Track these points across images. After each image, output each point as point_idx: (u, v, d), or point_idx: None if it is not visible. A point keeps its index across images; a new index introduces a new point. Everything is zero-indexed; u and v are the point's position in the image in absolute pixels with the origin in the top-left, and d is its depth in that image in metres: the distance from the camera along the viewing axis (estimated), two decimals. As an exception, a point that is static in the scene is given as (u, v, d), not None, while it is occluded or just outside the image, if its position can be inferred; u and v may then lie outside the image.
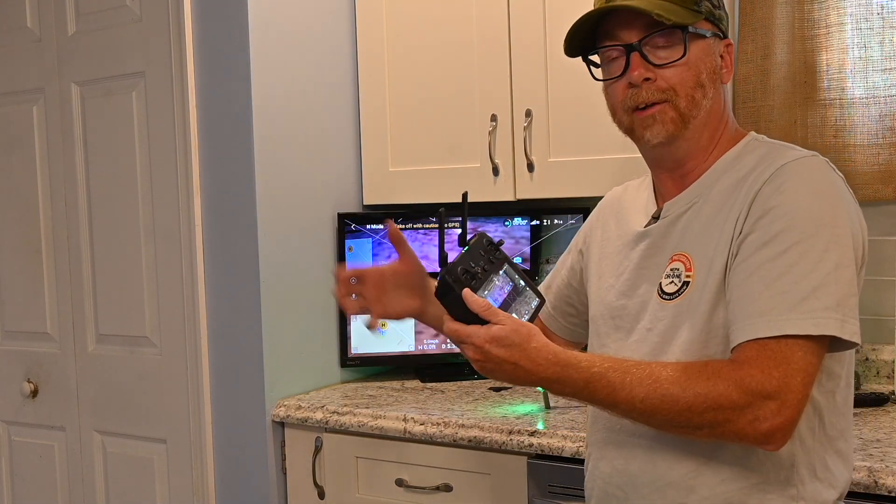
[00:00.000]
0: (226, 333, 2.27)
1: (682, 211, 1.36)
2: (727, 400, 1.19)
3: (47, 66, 2.51)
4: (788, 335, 1.19)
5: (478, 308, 1.27)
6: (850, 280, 1.23)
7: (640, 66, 1.32)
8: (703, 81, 1.33)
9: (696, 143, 1.36)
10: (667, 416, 1.22)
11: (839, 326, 1.20)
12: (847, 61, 2.11)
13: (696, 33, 1.33)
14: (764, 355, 1.19)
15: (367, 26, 2.42)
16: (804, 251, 1.21)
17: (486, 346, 1.26)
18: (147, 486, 2.42)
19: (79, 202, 2.48)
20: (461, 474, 1.98)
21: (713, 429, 1.21)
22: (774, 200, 1.25)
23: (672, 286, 1.33)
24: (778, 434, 1.19)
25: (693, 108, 1.33)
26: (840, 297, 1.20)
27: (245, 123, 2.20)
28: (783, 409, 1.18)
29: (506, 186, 2.25)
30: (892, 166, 2.08)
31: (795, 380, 1.18)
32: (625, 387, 1.23)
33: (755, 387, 1.18)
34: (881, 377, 2.12)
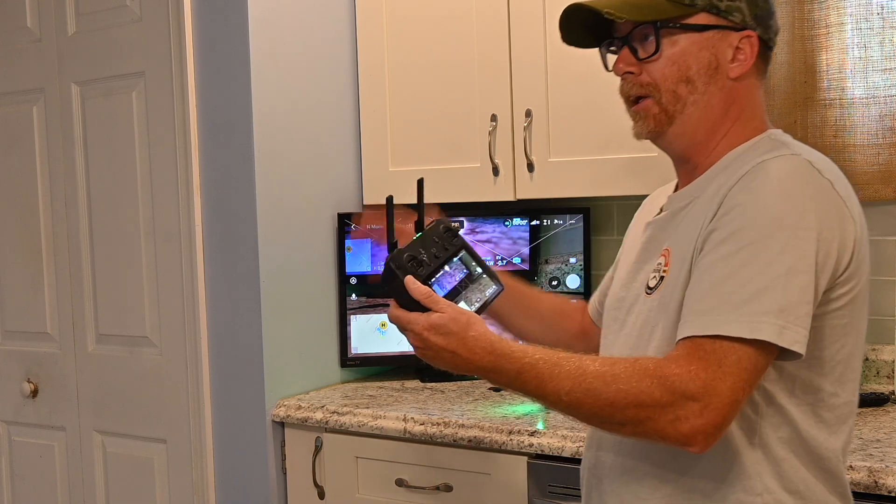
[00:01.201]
0: (226, 333, 2.27)
1: (683, 206, 1.34)
2: (648, 397, 1.16)
3: (47, 66, 2.51)
4: (723, 336, 1.16)
5: (419, 296, 1.29)
6: (804, 287, 1.17)
7: (624, 59, 1.34)
8: (689, 76, 1.30)
9: (689, 138, 1.34)
10: (590, 409, 1.21)
11: (776, 333, 1.15)
12: (847, 61, 2.11)
13: (682, 27, 1.30)
14: (695, 355, 1.17)
15: (368, 26, 2.42)
16: (756, 252, 1.18)
17: (424, 334, 1.28)
18: (147, 486, 2.42)
19: (79, 202, 2.48)
20: (461, 474, 1.98)
21: (635, 426, 1.19)
22: (739, 198, 1.22)
23: (654, 280, 1.32)
24: (699, 436, 1.15)
25: (676, 102, 1.31)
26: (785, 304, 1.16)
27: (245, 123, 2.20)
28: (705, 411, 1.14)
29: (506, 186, 2.25)
30: (893, 166, 2.08)
31: (724, 383, 1.14)
32: (553, 378, 1.22)
33: (679, 386, 1.15)
34: (881, 377, 2.12)
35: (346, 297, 2.40)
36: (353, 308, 2.41)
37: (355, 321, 2.41)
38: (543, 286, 2.34)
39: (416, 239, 1.36)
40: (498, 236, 2.36)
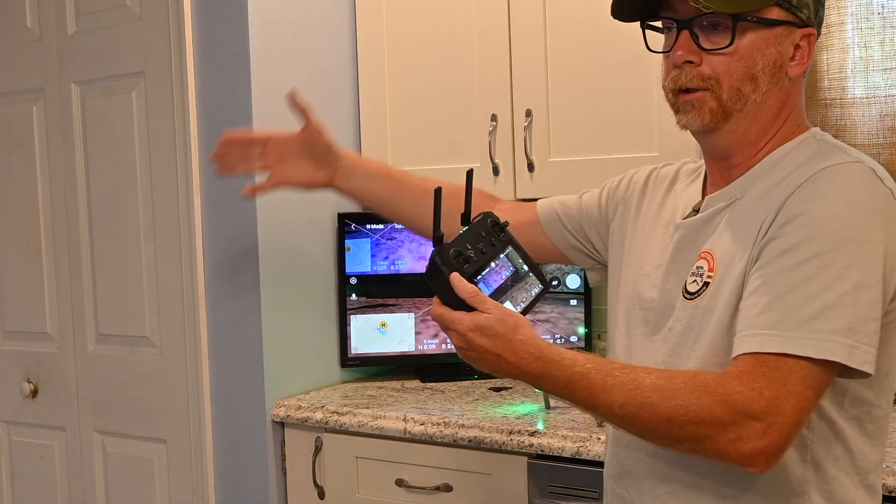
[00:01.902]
0: (226, 333, 2.27)
1: (723, 207, 1.28)
2: (709, 415, 1.11)
3: (47, 66, 2.51)
4: (789, 354, 1.10)
5: (465, 294, 1.22)
6: (872, 303, 1.12)
7: (684, 46, 1.24)
8: (755, 74, 1.23)
9: (740, 136, 1.27)
10: (646, 425, 1.15)
11: (846, 353, 1.10)
12: (847, 61, 2.11)
13: (757, 21, 1.22)
14: (759, 372, 1.11)
15: (368, 26, 2.42)
16: (823, 265, 1.12)
17: (469, 335, 1.21)
18: (147, 486, 2.42)
19: (79, 202, 2.48)
20: (461, 474, 1.98)
21: (694, 444, 1.13)
22: (803, 207, 1.16)
23: (694, 285, 1.26)
24: (761, 457, 1.10)
25: (737, 100, 1.24)
26: (853, 321, 1.11)
27: (245, 123, 2.19)
28: (769, 431, 1.09)
29: (506, 186, 2.25)
30: (893, 166, 2.08)
31: (788, 403, 1.09)
32: (605, 390, 1.16)
33: (742, 405, 1.10)
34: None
35: (346, 297, 2.40)
36: (353, 308, 2.41)
37: (355, 321, 2.41)
38: (543, 286, 2.34)
39: (462, 233, 1.27)
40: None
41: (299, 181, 1.72)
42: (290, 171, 1.71)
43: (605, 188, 1.55)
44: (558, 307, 2.34)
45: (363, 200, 1.76)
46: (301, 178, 1.72)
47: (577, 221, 1.57)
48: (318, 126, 1.68)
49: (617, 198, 1.51)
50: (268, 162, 1.72)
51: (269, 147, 1.72)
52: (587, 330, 2.35)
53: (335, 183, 1.72)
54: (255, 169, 1.74)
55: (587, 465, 1.80)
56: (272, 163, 1.72)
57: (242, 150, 1.74)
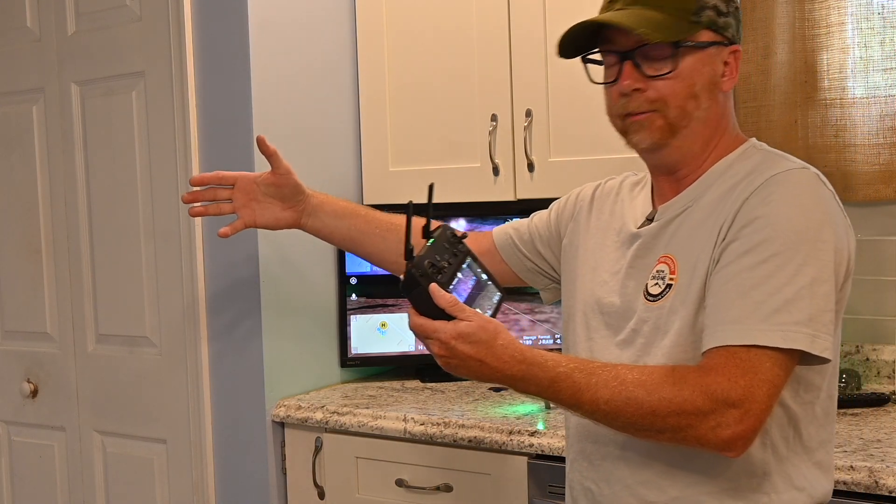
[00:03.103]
0: (226, 333, 2.27)
1: (675, 214, 1.37)
2: (691, 405, 1.20)
3: (47, 66, 2.51)
4: (758, 345, 1.20)
5: (445, 304, 1.26)
6: (826, 295, 1.23)
7: (630, 76, 1.34)
8: (696, 92, 1.33)
9: (687, 150, 1.36)
10: (630, 418, 1.23)
11: (809, 342, 1.21)
12: (847, 61, 2.11)
13: (692, 45, 1.32)
14: (731, 363, 1.20)
15: (368, 27, 2.42)
16: (782, 263, 1.22)
17: (451, 343, 1.25)
18: (147, 486, 2.42)
19: (79, 202, 2.48)
20: (461, 474, 1.98)
21: (675, 433, 1.22)
22: (760, 210, 1.25)
23: (656, 288, 1.34)
24: (739, 442, 1.20)
25: (683, 118, 1.34)
26: (813, 313, 1.21)
27: (245, 123, 2.20)
28: (746, 417, 1.19)
29: (506, 186, 2.25)
30: (893, 166, 2.08)
31: (761, 390, 1.19)
32: (590, 388, 1.24)
33: (720, 394, 1.19)
34: (881, 377, 2.11)
35: (346, 297, 2.40)
36: (353, 308, 2.41)
37: (355, 321, 2.41)
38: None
39: (429, 245, 1.31)
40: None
41: (266, 222, 1.78)
42: (258, 211, 1.77)
43: (553, 208, 1.67)
44: (558, 307, 2.33)
45: (330, 239, 1.81)
46: (268, 218, 1.78)
47: (530, 244, 1.67)
48: (287, 168, 1.73)
49: (566, 215, 1.61)
50: (237, 203, 1.77)
51: (238, 188, 1.77)
52: (587, 330, 2.35)
53: (301, 223, 1.78)
54: (224, 210, 1.79)
55: (587, 465, 1.80)
56: (241, 204, 1.77)
57: (212, 192, 1.79)
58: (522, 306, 2.34)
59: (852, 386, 2.03)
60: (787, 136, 2.16)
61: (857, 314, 2.13)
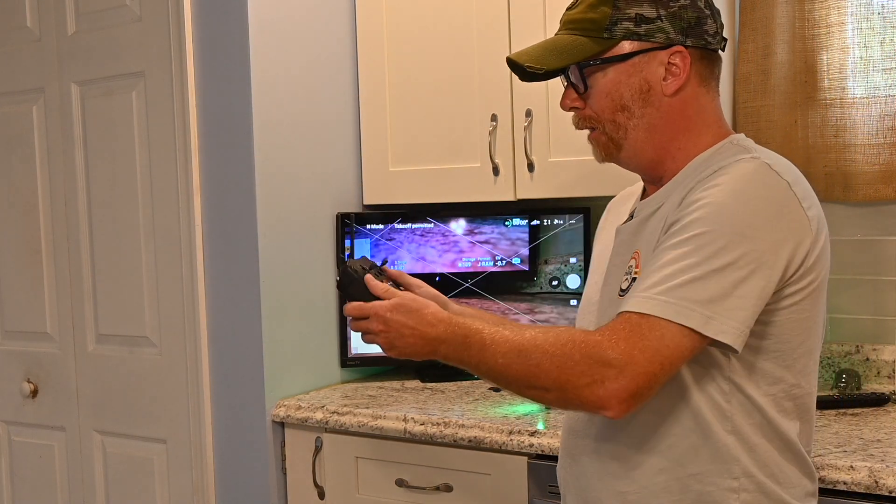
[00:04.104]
0: (226, 333, 2.27)
1: (651, 212, 1.40)
2: (570, 360, 1.24)
3: (47, 66, 2.51)
4: (651, 314, 1.23)
5: (380, 290, 1.41)
6: (738, 282, 1.23)
7: (568, 96, 1.42)
8: (625, 104, 1.37)
9: (640, 159, 1.41)
10: (518, 374, 1.28)
11: (702, 322, 1.22)
12: (847, 61, 2.11)
13: (606, 61, 1.36)
14: (620, 327, 1.24)
15: (367, 26, 2.42)
16: (702, 244, 1.24)
17: (387, 314, 1.37)
18: (147, 486, 2.42)
19: (79, 202, 2.48)
20: (461, 474, 1.98)
21: (558, 391, 1.26)
22: (698, 195, 1.28)
23: (626, 282, 1.38)
24: (613, 401, 1.23)
25: (618, 130, 1.38)
26: (715, 295, 1.22)
27: (245, 123, 2.20)
28: (620, 377, 1.21)
29: (506, 186, 2.25)
30: (893, 166, 2.08)
31: (643, 355, 1.22)
32: (494, 342, 1.30)
33: (597, 352, 1.23)
34: (881, 377, 2.11)
35: (346, 297, 2.40)
36: (353, 308, 2.40)
37: (355, 321, 2.40)
38: (543, 287, 2.34)
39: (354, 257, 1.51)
40: (497, 237, 2.36)
41: None
42: None
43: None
44: (558, 307, 2.34)
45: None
46: None
47: None
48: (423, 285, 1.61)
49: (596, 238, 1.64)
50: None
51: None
52: (587, 330, 2.35)
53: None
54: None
55: (587, 465, 1.80)
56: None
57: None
58: (522, 306, 2.34)
59: (852, 386, 2.03)
60: (787, 136, 2.16)
61: (857, 314, 2.13)
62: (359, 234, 2.40)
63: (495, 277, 2.36)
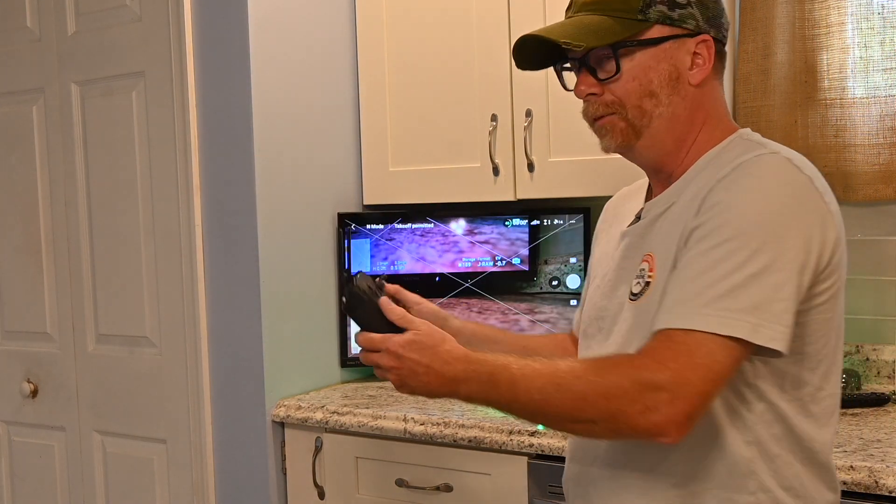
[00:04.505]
0: (226, 333, 2.27)
1: (661, 211, 1.35)
2: (618, 389, 1.17)
3: (47, 66, 2.51)
4: (696, 330, 1.17)
5: (396, 316, 1.30)
6: (779, 285, 1.18)
7: (584, 81, 1.35)
8: (653, 90, 1.31)
9: (658, 149, 1.35)
10: (561, 407, 1.20)
11: (750, 330, 1.16)
12: (847, 61, 2.11)
13: (639, 43, 1.30)
14: (665, 346, 1.18)
15: (368, 26, 2.42)
16: (734, 249, 1.19)
17: (400, 351, 1.27)
18: (147, 486, 2.42)
19: (79, 202, 2.48)
20: (461, 474, 1.98)
21: (608, 421, 1.19)
22: (720, 196, 1.23)
23: (638, 286, 1.32)
24: (671, 426, 1.16)
25: (642, 117, 1.32)
26: (759, 301, 1.17)
27: (245, 123, 2.20)
28: (676, 400, 1.15)
29: (506, 186, 2.25)
30: (893, 166, 2.08)
31: (695, 374, 1.15)
32: (525, 378, 1.22)
33: (647, 377, 1.16)
34: (881, 377, 2.11)
35: (346, 297, 2.40)
36: (353, 308, 2.40)
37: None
38: (543, 287, 2.34)
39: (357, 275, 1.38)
40: (497, 237, 2.36)
41: None
42: None
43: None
44: (557, 307, 2.33)
45: None
46: None
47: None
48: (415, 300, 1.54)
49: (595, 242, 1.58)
50: None
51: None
52: (587, 330, 2.35)
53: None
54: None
55: (587, 465, 1.80)
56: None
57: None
58: (522, 306, 2.34)
59: (852, 386, 2.03)
60: (787, 136, 2.16)
61: (857, 314, 2.13)
62: (359, 234, 2.40)
63: (495, 277, 2.36)
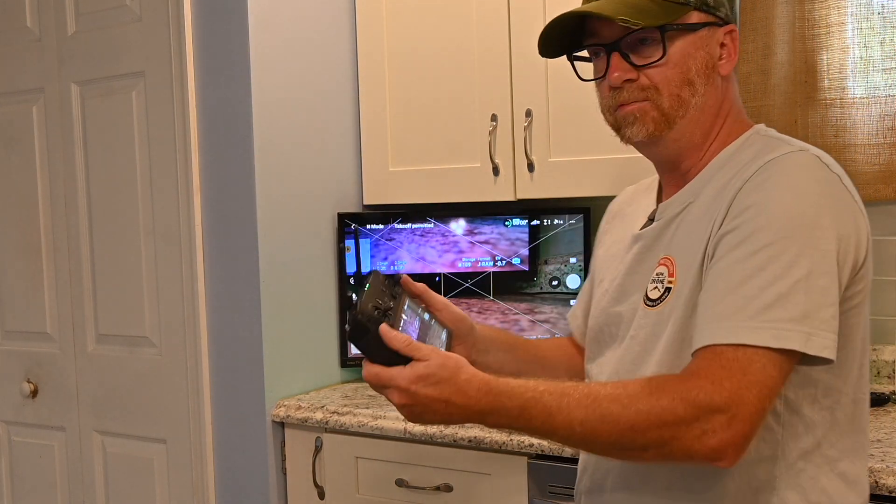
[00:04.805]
0: (226, 333, 2.27)
1: (677, 212, 1.29)
2: (671, 415, 1.09)
3: (47, 66, 2.51)
4: (747, 345, 1.10)
5: (399, 344, 1.16)
6: (825, 289, 1.12)
7: (619, 67, 1.26)
8: (691, 78, 1.25)
9: (686, 141, 1.29)
10: (609, 437, 1.12)
11: (803, 340, 1.10)
12: (847, 61, 2.11)
13: (682, 28, 1.24)
14: (717, 364, 1.10)
15: (368, 26, 2.42)
16: (775, 254, 1.12)
17: (412, 388, 1.15)
18: (147, 486, 2.42)
19: (79, 202, 2.48)
20: (461, 474, 1.98)
21: (660, 448, 1.11)
22: (752, 198, 1.16)
23: (656, 291, 1.26)
24: (729, 449, 1.09)
25: (679, 107, 1.26)
26: (808, 308, 1.11)
27: (245, 123, 2.20)
28: (734, 422, 1.08)
29: (506, 186, 2.25)
30: (893, 166, 2.08)
31: (750, 392, 1.08)
32: (562, 410, 1.12)
33: (703, 399, 1.08)
34: (882, 377, 2.11)
35: (346, 297, 2.40)
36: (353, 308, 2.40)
37: (355, 321, 2.40)
38: (543, 287, 2.34)
39: (366, 290, 1.21)
40: (497, 237, 2.36)
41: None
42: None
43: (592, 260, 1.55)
44: (558, 307, 2.33)
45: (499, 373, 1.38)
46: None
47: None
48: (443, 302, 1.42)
49: (598, 243, 1.53)
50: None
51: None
52: (587, 330, 2.35)
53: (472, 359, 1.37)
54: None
55: (587, 465, 1.80)
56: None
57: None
58: (522, 306, 2.34)
59: (852, 386, 2.03)
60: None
61: (857, 314, 2.12)
62: (359, 233, 2.40)
63: (495, 277, 2.36)
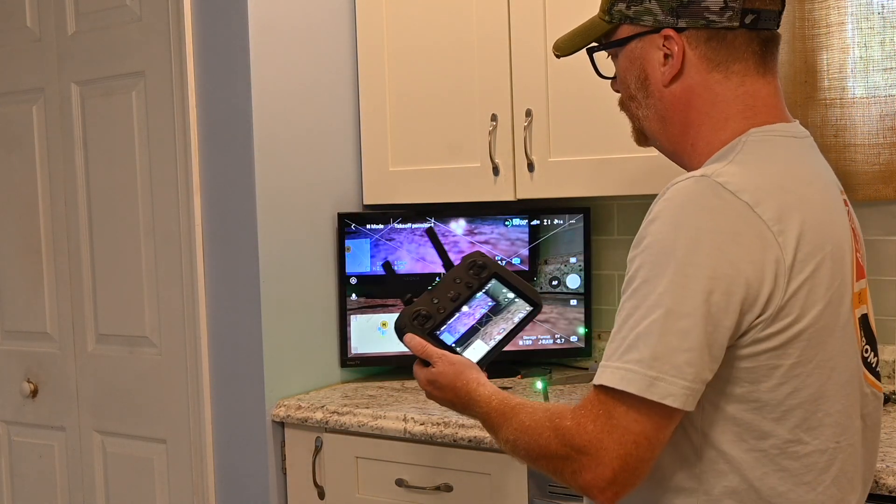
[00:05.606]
0: (226, 333, 2.27)
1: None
2: (549, 450, 1.16)
3: (47, 66, 2.51)
4: (610, 386, 1.09)
5: (415, 352, 1.46)
6: (684, 332, 1.06)
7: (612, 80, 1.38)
8: (632, 93, 1.29)
9: (663, 150, 1.32)
10: (527, 461, 1.25)
11: (645, 385, 1.06)
12: (847, 61, 2.11)
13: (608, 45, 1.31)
14: (588, 405, 1.12)
15: (368, 26, 2.42)
16: (647, 292, 1.09)
17: (428, 388, 1.45)
18: (147, 486, 2.42)
19: (79, 202, 2.48)
20: (461, 474, 1.98)
21: (556, 476, 1.19)
22: (645, 230, 1.13)
23: None
24: (595, 490, 1.11)
25: (635, 120, 1.32)
26: (659, 351, 1.06)
27: (245, 123, 2.20)
28: (597, 465, 1.09)
29: (506, 186, 2.25)
30: (893, 166, 2.08)
31: (611, 437, 1.08)
32: (501, 428, 1.28)
33: (569, 439, 1.12)
34: (881, 377, 2.11)
35: (346, 297, 2.40)
36: (353, 308, 2.41)
37: (355, 321, 2.41)
38: (543, 287, 2.34)
39: (431, 288, 1.46)
40: (497, 237, 2.36)
41: None
42: None
43: None
44: (558, 307, 2.34)
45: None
46: None
47: None
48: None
49: None
50: None
51: None
52: (587, 330, 2.35)
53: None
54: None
55: (587, 465, 1.80)
56: None
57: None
58: (522, 306, 2.34)
59: (852, 386, 2.03)
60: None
61: (857, 314, 2.12)
62: (359, 233, 2.40)
63: (495, 277, 2.36)
